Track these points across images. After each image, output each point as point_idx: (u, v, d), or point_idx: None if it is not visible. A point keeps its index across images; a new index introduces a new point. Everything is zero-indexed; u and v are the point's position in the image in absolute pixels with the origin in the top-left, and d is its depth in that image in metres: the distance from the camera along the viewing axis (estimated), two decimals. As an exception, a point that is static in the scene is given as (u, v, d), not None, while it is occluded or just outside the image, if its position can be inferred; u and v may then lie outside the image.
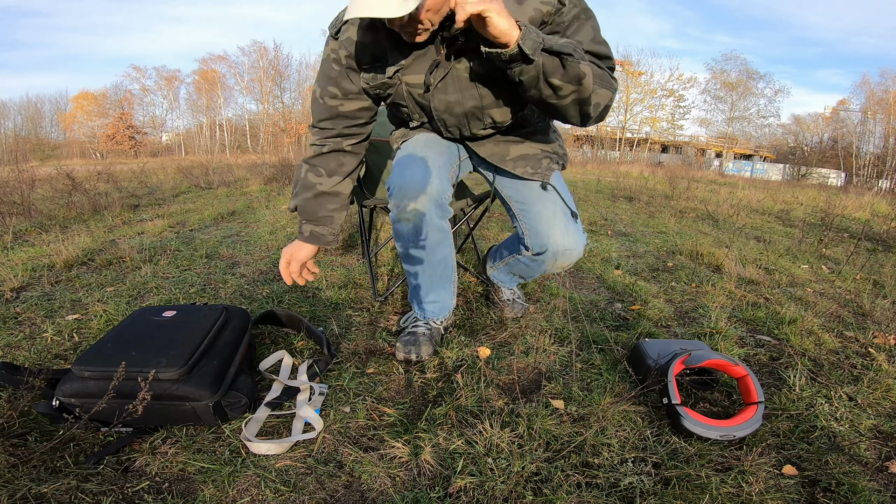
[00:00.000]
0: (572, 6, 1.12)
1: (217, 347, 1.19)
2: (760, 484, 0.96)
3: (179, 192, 5.89)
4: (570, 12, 1.12)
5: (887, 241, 3.92)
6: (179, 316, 1.27)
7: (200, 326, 1.22)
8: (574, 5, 1.13)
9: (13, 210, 3.65)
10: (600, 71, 1.09)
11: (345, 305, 1.89)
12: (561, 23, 1.12)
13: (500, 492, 0.92)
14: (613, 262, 2.70)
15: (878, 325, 1.89)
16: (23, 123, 39.98)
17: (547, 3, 1.11)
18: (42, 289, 2.03)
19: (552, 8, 1.11)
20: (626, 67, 33.95)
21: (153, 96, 39.30)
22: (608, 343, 1.58)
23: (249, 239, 3.10)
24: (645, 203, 5.61)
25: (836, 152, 32.84)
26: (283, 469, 0.99)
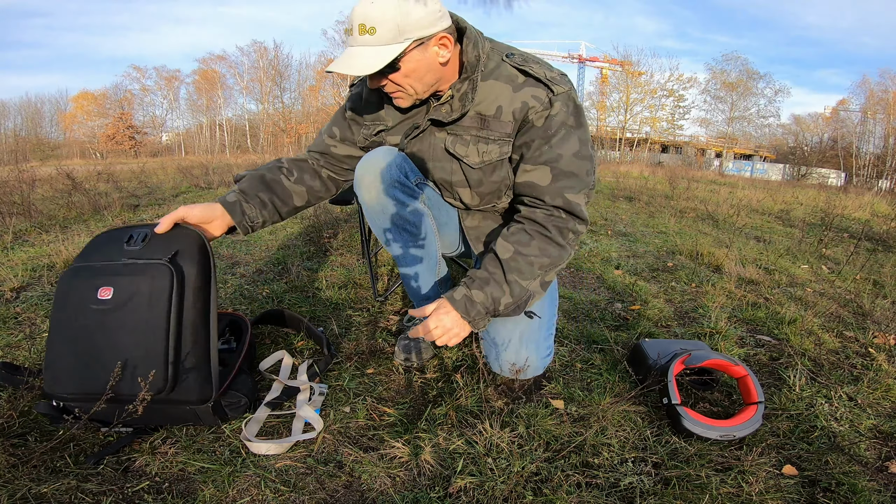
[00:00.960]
0: (563, 110, 1.07)
1: (185, 339, 0.99)
2: (760, 484, 0.96)
3: (179, 192, 5.89)
4: (558, 118, 1.07)
5: (887, 241, 3.92)
6: (120, 298, 0.98)
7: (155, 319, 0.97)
8: (564, 111, 1.07)
9: (13, 210, 3.65)
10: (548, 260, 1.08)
11: (345, 305, 1.89)
12: (548, 132, 1.07)
13: (500, 492, 0.92)
14: (613, 262, 2.70)
15: (878, 325, 1.89)
16: (23, 123, 40.01)
17: (537, 98, 1.07)
18: (42, 289, 2.03)
19: (540, 105, 1.06)
20: (626, 67, 33.98)
21: (153, 96, 39.34)
22: (608, 343, 1.58)
23: (249, 239, 3.09)
24: (645, 203, 5.61)
25: (836, 152, 32.85)
26: (283, 469, 0.99)
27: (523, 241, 1.07)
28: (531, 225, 1.09)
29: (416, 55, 1.01)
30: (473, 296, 1.06)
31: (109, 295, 1.00)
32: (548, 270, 1.09)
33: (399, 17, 0.95)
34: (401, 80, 1.04)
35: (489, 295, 1.06)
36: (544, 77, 1.07)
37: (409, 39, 0.98)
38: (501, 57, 1.11)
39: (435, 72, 1.06)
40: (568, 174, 1.07)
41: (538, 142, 1.08)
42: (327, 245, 2.87)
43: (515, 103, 1.08)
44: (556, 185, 1.08)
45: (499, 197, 1.24)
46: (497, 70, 1.10)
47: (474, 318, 1.06)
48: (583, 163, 1.08)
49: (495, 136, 1.12)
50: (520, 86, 1.08)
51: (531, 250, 1.07)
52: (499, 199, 1.25)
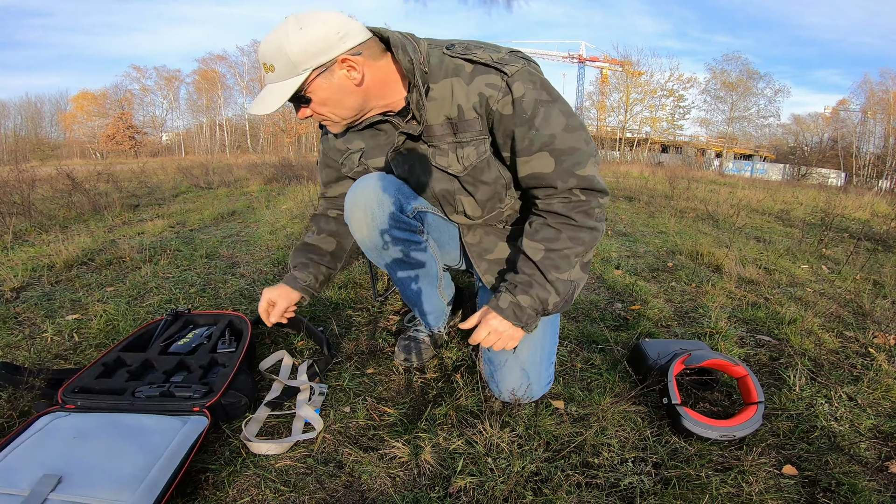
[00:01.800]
0: (529, 89, 0.99)
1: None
2: (760, 484, 0.96)
3: (179, 192, 5.89)
4: (528, 98, 0.99)
5: (887, 241, 3.92)
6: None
7: None
8: (531, 89, 0.99)
9: (13, 210, 3.65)
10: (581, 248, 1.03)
11: (345, 305, 1.89)
12: (523, 115, 0.99)
13: (500, 492, 0.92)
14: (613, 262, 2.70)
15: (878, 325, 1.88)
16: (23, 123, 40.00)
17: (492, 86, 0.99)
18: (42, 289, 2.03)
19: (498, 93, 0.99)
20: (626, 67, 33.98)
21: (153, 96, 39.37)
22: (608, 343, 1.58)
23: (249, 239, 3.10)
24: (645, 203, 5.61)
25: (836, 152, 32.85)
26: (283, 469, 0.99)
27: (550, 237, 1.03)
28: (553, 218, 1.04)
29: (322, 83, 0.97)
30: (520, 301, 1.03)
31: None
32: (584, 255, 1.06)
33: (287, 50, 0.92)
34: (319, 108, 1.03)
35: (535, 297, 1.03)
36: (491, 61, 1.00)
37: (308, 69, 0.95)
38: (442, 51, 1.03)
39: (354, 94, 1.01)
40: (569, 151, 1.00)
41: (521, 129, 1.01)
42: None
43: (472, 97, 1.01)
44: (563, 166, 1.01)
45: (500, 200, 1.18)
46: (442, 67, 1.03)
47: (526, 322, 1.04)
48: (577, 134, 1.01)
49: (468, 137, 1.06)
50: (470, 76, 1.01)
51: (562, 244, 1.02)
52: (501, 203, 1.19)
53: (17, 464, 0.88)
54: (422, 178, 1.17)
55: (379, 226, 1.13)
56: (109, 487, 0.83)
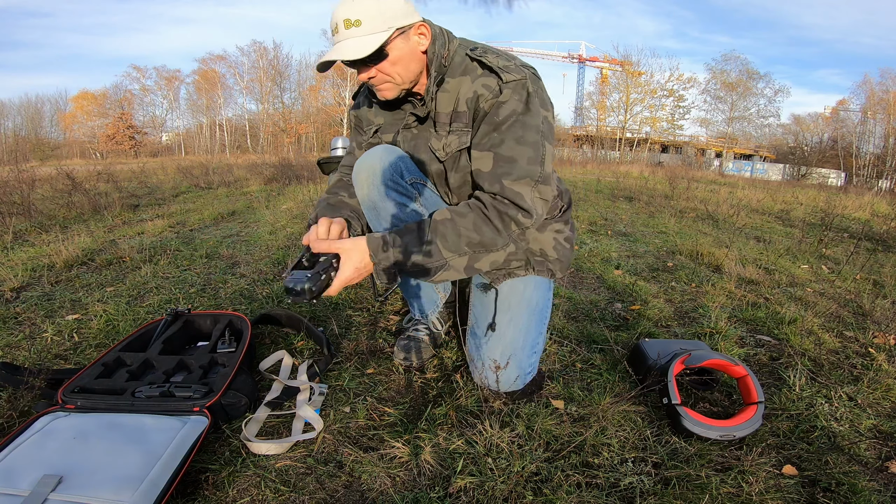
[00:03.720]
0: (513, 98, 1.06)
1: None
2: (760, 484, 0.96)
3: (179, 192, 5.89)
4: (508, 105, 1.06)
5: (887, 241, 3.92)
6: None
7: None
8: (516, 98, 1.06)
9: (13, 210, 3.65)
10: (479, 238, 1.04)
11: (345, 305, 1.89)
12: (495, 118, 1.07)
13: (500, 492, 0.92)
14: (613, 262, 2.70)
15: (878, 325, 1.88)
16: (23, 123, 40.01)
17: (487, 87, 1.09)
18: (42, 289, 2.03)
19: (489, 94, 1.08)
20: (626, 67, 33.97)
21: (153, 96, 39.34)
22: (608, 343, 1.58)
23: (249, 239, 3.10)
24: (645, 203, 5.61)
25: (836, 152, 32.84)
26: (283, 469, 0.99)
27: (461, 212, 1.06)
28: (474, 202, 1.08)
29: (399, 43, 1.06)
30: (390, 238, 1.03)
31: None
32: (477, 251, 1.06)
33: (381, 7, 1.02)
34: (388, 68, 1.08)
35: (405, 244, 1.03)
36: (497, 66, 1.09)
37: (392, 28, 1.03)
38: (466, 52, 1.15)
39: (418, 60, 1.11)
40: (507, 159, 1.05)
41: (486, 127, 1.10)
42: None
43: (468, 93, 1.12)
44: (496, 170, 1.06)
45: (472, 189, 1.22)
46: (462, 65, 1.15)
47: (381, 261, 1.02)
48: (523, 148, 1.05)
49: (456, 127, 1.17)
50: (476, 76, 1.12)
51: (464, 222, 1.04)
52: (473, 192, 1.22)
53: (17, 464, 0.88)
54: (423, 157, 1.26)
55: (379, 185, 1.19)
56: (109, 487, 0.83)
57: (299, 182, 6.87)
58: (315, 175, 7.28)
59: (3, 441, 0.93)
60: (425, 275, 1.06)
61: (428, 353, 1.45)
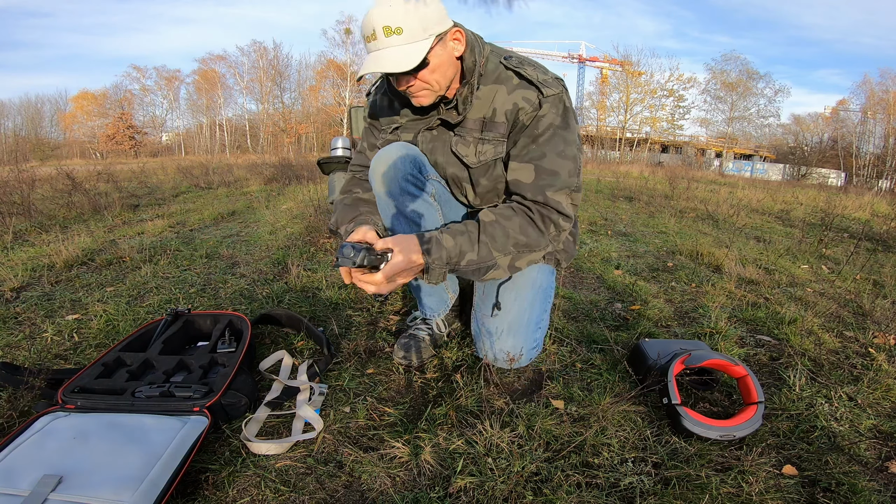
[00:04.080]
0: (551, 112, 1.11)
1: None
2: (760, 484, 0.96)
3: (179, 192, 5.89)
4: (546, 119, 1.11)
5: (887, 241, 3.92)
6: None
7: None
8: (553, 112, 1.11)
9: (13, 210, 3.65)
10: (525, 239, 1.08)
11: (345, 305, 1.89)
12: (535, 132, 1.11)
13: (500, 492, 0.92)
14: (613, 262, 2.70)
15: (878, 325, 1.88)
16: (23, 123, 40.01)
17: (527, 100, 1.11)
18: (42, 289, 2.03)
19: (529, 107, 1.11)
20: (626, 67, 33.97)
21: (153, 96, 39.35)
22: (608, 343, 1.58)
23: (249, 239, 3.10)
24: (645, 203, 5.61)
25: (836, 152, 32.84)
26: (283, 469, 0.99)
27: (506, 214, 1.09)
28: (518, 206, 1.12)
29: (438, 50, 1.06)
30: (443, 240, 1.04)
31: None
32: (521, 252, 1.09)
33: (421, 15, 1.01)
34: (428, 76, 1.07)
35: (458, 245, 1.04)
36: (536, 80, 1.12)
37: (433, 35, 1.03)
38: (499, 60, 1.16)
39: (454, 66, 1.11)
40: (550, 172, 1.10)
41: (524, 140, 1.13)
42: (327, 245, 2.87)
43: (507, 105, 1.14)
44: (538, 182, 1.10)
45: (498, 195, 1.27)
46: (496, 73, 1.15)
47: (434, 261, 1.02)
48: (565, 162, 1.10)
49: (491, 136, 1.18)
50: (514, 87, 1.13)
51: (511, 224, 1.07)
52: (498, 198, 1.28)
53: (17, 464, 0.88)
54: (440, 159, 1.28)
55: (397, 178, 1.21)
56: (109, 487, 0.83)
57: (299, 182, 6.87)
58: (315, 175, 7.28)
59: (3, 441, 0.93)
60: (475, 274, 1.08)
61: (428, 352, 1.45)
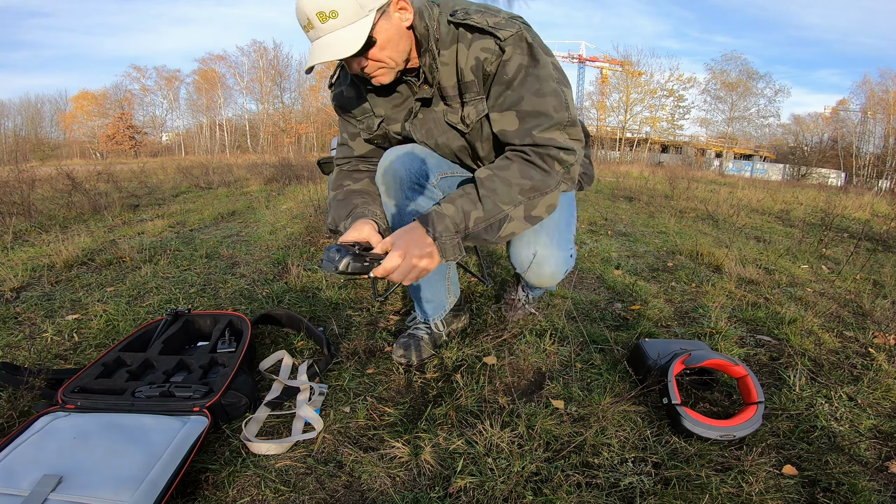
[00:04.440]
0: (515, 53, 1.04)
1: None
2: (760, 484, 0.96)
3: (179, 192, 5.89)
4: (512, 62, 1.04)
5: (887, 241, 3.92)
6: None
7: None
8: (518, 53, 1.04)
9: (13, 210, 3.65)
10: (530, 182, 1.02)
11: (345, 305, 1.89)
12: (504, 77, 1.06)
13: (500, 492, 0.92)
14: (613, 262, 2.70)
15: (878, 325, 1.88)
16: (23, 123, 40.00)
17: (487, 50, 1.06)
18: (42, 289, 2.03)
19: (492, 56, 1.06)
20: (626, 67, 33.97)
21: (153, 96, 39.37)
22: (608, 343, 1.58)
23: (249, 239, 3.10)
24: (645, 203, 5.61)
25: (836, 152, 32.84)
26: (283, 469, 0.99)
27: (501, 165, 1.04)
28: (511, 153, 1.07)
29: (383, 25, 1.00)
30: (443, 209, 0.99)
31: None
32: (531, 197, 1.03)
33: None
34: (379, 53, 1.02)
35: (460, 208, 0.99)
36: (487, 26, 1.05)
37: (372, 10, 0.97)
38: (447, 19, 1.09)
39: (406, 37, 1.05)
40: (533, 114, 1.04)
41: (497, 88, 1.08)
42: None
43: (470, 61, 1.08)
44: (523, 126, 1.05)
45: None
46: (449, 34, 1.09)
47: (441, 234, 0.97)
48: (545, 100, 1.04)
49: (469, 98, 1.13)
50: (469, 42, 1.07)
51: (510, 173, 1.02)
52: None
53: (17, 464, 0.88)
54: (440, 139, 1.23)
55: (404, 188, 1.19)
56: (109, 487, 0.83)
57: (299, 182, 6.87)
58: (315, 175, 7.28)
59: (3, 441, 0.93)
60: (491, 233, 1.02)
61: (427, 352, 1.45)
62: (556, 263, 1.28)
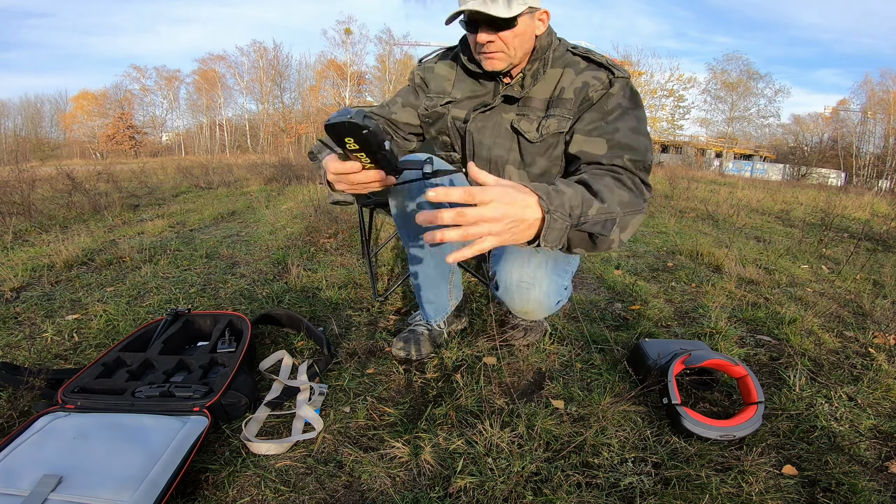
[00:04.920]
0: (621, 93, 1.11)
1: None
2: (760, 484, 0.96)
3: (179, 192, 5.89)
4: (615, 98, 1.10)
5: (887, 241, 3.92)
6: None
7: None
8: (622, 94, 1.11)
9: (13, 210, 3.65)
10: (628, 196, 0.93)
11: (345, 305, 1.89)
12: (604, 107, 1.10)
13: (500, 492, 0.92)
14: (613, 262, 2.70)
15: (878, 325, 1.88)
16: (23, 123, 40.02)
17: (598, 78, 1.12)
18: (42, 289, 2.03)
19: (599, 84, 1.11)
20: (626, 67, 33.95)
21: (153, 96, 39.37)
22: (608, 343, 1.58)
23: (249, 239, 3.10)
24: (645, 203, 5.60)
25: (836, 152, 32.85)
26: (283, 469, 0.99)
27: (595, 176, 0.96)
28: (599, 169, 1.01)
29: (526, 20, 1.08)
30: (561, 187, 0.81)
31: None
32: (627, 213, 0.90)
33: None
34: (511, 38, 1.08)
35: (579, 193, 0.83)
36: (606, 62, 1.14)
37: (526, 4, 1.05)
38: (567, 48, 1.20)
39: (531, 42, 1.13)
40: (624, 146, 1.04)
41: (593, 115, 1.11)
42: (327, 245, 2.87)
43: (577, 83, 1.14)
44: (612, 152, 1.04)
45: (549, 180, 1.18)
46: (563, 58, 1.18)
47: (557, 209, 0.76)
48: (640, 138, 1.06)
49: (557, 112, 1.16)
50: (582, 70, 1.15)
51: (605, 182, 0.93)
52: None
53: (17, 464, 0.88)
54: (486, 140, 1.26)
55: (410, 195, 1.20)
56: (109, 487, 0.83)
57: (299, 182, 6.87)
58: (315, 175, 7.28)
59: (3, 441, 0.93)
60: (603, 230, 0.86)
61: (427, 348, 1.45)
62: (547, 290, 1.18)
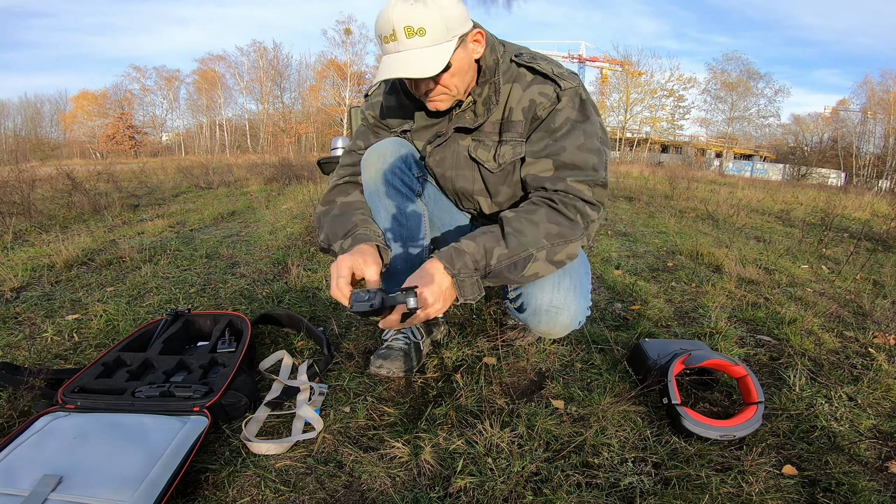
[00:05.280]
0: (569, 105, 1.06)
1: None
2: (760, 484, 0.96)
3: (179, 192, 5.90)
4: (563, 113, 1.06)
5: (887, 241, 3.92)
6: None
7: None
8: (571, 106, 1.06)
9: (13, 210, 3.65)
10: (557, 229, 0.99)
11: (345, 305, 1.88)
12: (552, 125, 1.06)
13: (500, 492, 0.92)
14: (613, 262, 2.70)
15: (878, 325, 1.89)
16: (23, 123, 40.03)
17: (544, 94, 1.07)
18: (42, 289, 2.03)
19: (547, 101, 1.06)
20: (626, 67, 33.98)
21: (153, 96, 39.37)
22: (608, 343, 1.58)
23: (249, 239, 3.10)
24: (645, 203, 5.61)
25: (836, 152, 32.86)
26: (283, 469, 0.99)
27: (529, 209, 1.01)
28: (537, 197, 1.05)
29: (460, 53, 1.00)
30: (462, 245, 0.95)
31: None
32: (556, 244, 0.99)
33: (445, 15, 0.95)
34: (449, 80, 1.02)
35: (481, 245, 0.95)
36: (552, 73, 1.07)
37: (455, 37, 0.97)
38: (510, 58, 1.11)
39: (472, 70, 1.06)
40: (570, 166, 1.03)
41: (540, 134, 1.08)
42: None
43: (524, 102, 1.08)
44: (558, 174, 1.04)
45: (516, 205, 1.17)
46: (508, 72, 1.10)
47: (459, 271, 0.93)
48: (587, 155, 1.03)
49: (509, 136, 1.12)
50: (528, 84, 1.08)
51: (537, 216, 0.99)
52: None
53: (17, 464, 0.88)
54: (448, 172, 1.22)
55: (385, 170, 1.16)
56: (109, 487, 0.83)
57: (299, 182, 6.88)
58: (315, 175, 7.28)
59: (3, 441, 0.93)
60: (513, 271, 0.98)
61: (402, 365, 1.34)
62: (575, 313, 1.18)
